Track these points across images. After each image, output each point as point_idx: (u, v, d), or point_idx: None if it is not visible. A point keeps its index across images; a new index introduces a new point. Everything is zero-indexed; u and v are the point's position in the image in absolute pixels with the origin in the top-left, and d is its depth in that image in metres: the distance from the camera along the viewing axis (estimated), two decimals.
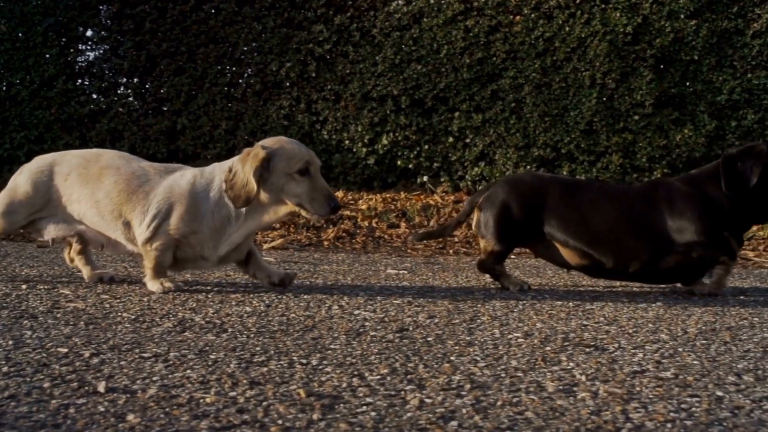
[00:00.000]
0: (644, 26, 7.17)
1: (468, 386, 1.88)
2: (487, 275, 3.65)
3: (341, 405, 1.71)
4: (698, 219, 3.39)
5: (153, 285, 3.15)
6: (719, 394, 1.88)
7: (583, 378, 1.99)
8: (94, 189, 3.17)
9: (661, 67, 7.26)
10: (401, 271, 4.23)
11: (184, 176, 3.14)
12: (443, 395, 1.80)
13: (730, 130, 7.16)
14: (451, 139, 7.43)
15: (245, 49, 7.77)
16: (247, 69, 7.82)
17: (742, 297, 3.51)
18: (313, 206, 2.98)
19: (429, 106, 7.46)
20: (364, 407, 1.70)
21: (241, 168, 3.00)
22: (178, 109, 7.78)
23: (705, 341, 2.49)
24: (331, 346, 2.27)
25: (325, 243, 5.80)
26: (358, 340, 2.37)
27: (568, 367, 2.10)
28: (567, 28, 7.21)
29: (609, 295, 3.47)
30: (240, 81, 7.79)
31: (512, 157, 7.26)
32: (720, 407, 1.77)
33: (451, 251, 5.66)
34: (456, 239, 5.93)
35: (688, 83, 7.21)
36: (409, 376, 1.96)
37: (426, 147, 7.45)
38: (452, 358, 2.17)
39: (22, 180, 3.29)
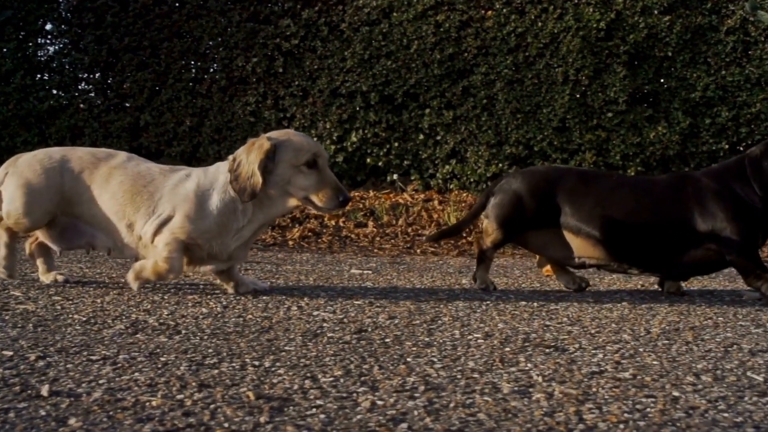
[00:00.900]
0: (617, 22, 7.23)
1: (422, 388, 1.90)
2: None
3: (290, 407, 1.72)
4: (733, 220, 3.33)
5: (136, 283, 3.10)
6: (676, 394, 1.91)
7: (540, 379, 2.01)
8: (102, 190, 3.13)
9: (635, 63, 7.33)
10: (365, 272, 4.24)
11: (189, 177, 3.12)
12: (396, 397, 1.82)
13: (705, 128, 7.24)
14: (421, 137, 7.45)
15: (210, 43, 7.76)
16: (212, 64, 7.81)
17: (709, 296, 3.55)
18: (321, 200, 2.98)
19: (399, 102, 7.49)
20: (314, 409, 1.71)
21: (245, 158, 2.98)
22: (141, 106, 7.74)
23: (667, 341, 2.52)
24: (286, 348, 2.28)
25: (290, 242, 5.81)
26: (314, 341, 2.38)
27: (526, 368, 2.12)
28: (539, 24, 7.26)
29: (574, 295, 3.50)
30: (205, 76, 7.77)
31: (484, 155, 7.30)
32: (675, 407, 1.80)
33: (418, 251, 5.68)
34: (423, 238, 5.94)
35: (662, 80, 7.29)
36: (362, 378, 1.97)
37: (396, 144, 7.47)
38: (409, 359, 2.19)
39: (32, 174, 3.18)
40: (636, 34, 7.17)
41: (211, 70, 7.81)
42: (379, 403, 1.77)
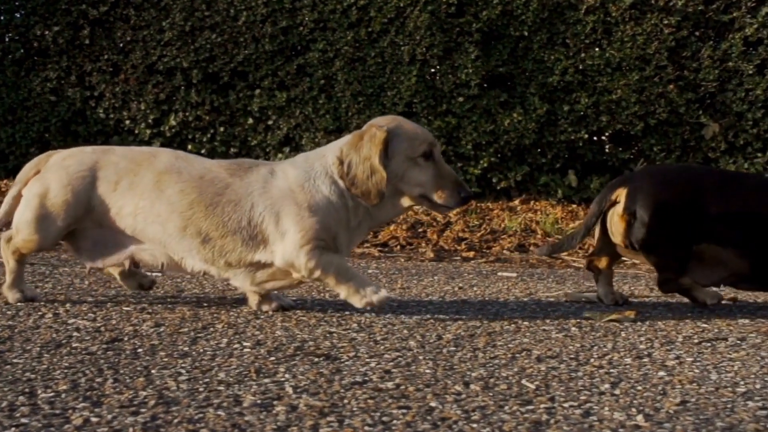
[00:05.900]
0: None
1: (152, 402, 1.94)
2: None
3: None
4: None
5: (370, 297, 2.95)
6: (433, 405, 2.01)
7: (291, 390, 2.08)
8: (154, 200, 2.97)
9: (489, 43, 7.54)
10: (154, 274, 4.23)
11: (274, 173, 2.99)
12: (116, 413, 1.85)
13: (563, 115, 7.51)
14: (250, 121, 7.48)
15: (4, 8, 7.57)
16: (6, 33, 7.62)
17: (525, 299, 3.71)
18: (440, 197, 2.92)
19: (225, 81, 7.50)
20: (14, 429, 1.73)
21: (356, 156, 2.90)
22: None
23: (455, 348, 2.63)
24: (14, 360, 2.28)
25: None
26: (53, 352, 2.39)
27: (281, 380, 2.18)
28: None
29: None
30: None
31: (321, 142, 7.37)
32: (424, 419, 1.90)
33: None
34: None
35: (517, 62, 7.52)
36: (89, 393, 2.00)
37: (222, 129, 7.47)
38: (153, 371, 2.22)
39: (55, 183, 3.02)
40: (489, 11, 7.37)
41: (6, 39, 7.62)
42: (94, 420, 1.80)
